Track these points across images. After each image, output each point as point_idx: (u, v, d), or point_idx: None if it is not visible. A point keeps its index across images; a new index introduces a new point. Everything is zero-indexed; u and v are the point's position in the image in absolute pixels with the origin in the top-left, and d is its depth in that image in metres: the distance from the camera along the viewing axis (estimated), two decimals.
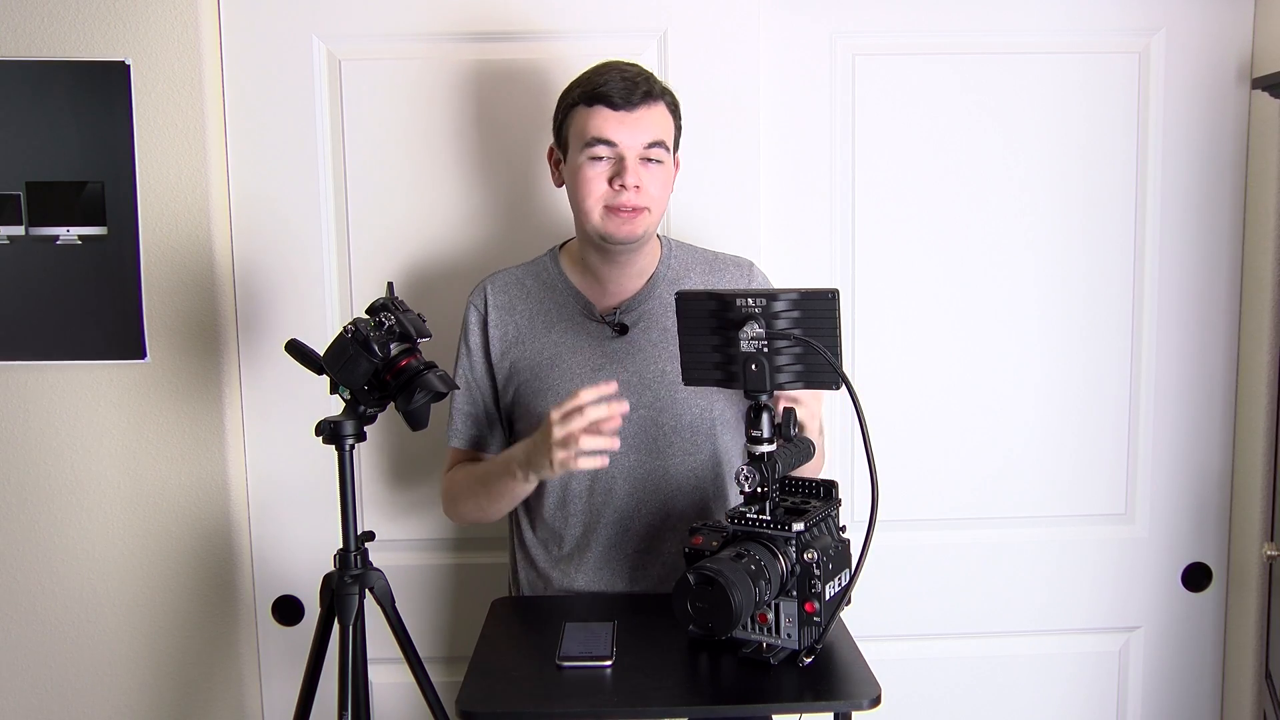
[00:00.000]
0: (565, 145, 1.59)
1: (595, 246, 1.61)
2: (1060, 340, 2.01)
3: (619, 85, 1.52)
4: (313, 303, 1.92)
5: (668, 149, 1.57)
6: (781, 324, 1.31)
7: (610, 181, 1.54)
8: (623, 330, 1.63)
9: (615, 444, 1.41)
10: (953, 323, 2.00)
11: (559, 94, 1.61)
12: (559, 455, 1.41)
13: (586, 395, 1.40)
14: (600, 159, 1.54)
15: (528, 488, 1.56)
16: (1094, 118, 1.96)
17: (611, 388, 1.42)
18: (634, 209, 1.54)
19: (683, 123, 1.64)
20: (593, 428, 1.39)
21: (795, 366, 1.32)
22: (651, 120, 1.54)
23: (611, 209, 1.54)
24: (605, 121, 1.52)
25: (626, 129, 1.52)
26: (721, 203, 1.92)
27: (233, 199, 1.89)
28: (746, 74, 1.90)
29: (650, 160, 1.55)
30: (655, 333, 1.63)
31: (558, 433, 1.40)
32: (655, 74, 1.60)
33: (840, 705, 1.26)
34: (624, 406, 1.42)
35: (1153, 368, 2.01)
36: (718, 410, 1.63)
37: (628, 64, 1.58)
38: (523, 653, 1.41)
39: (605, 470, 1.56)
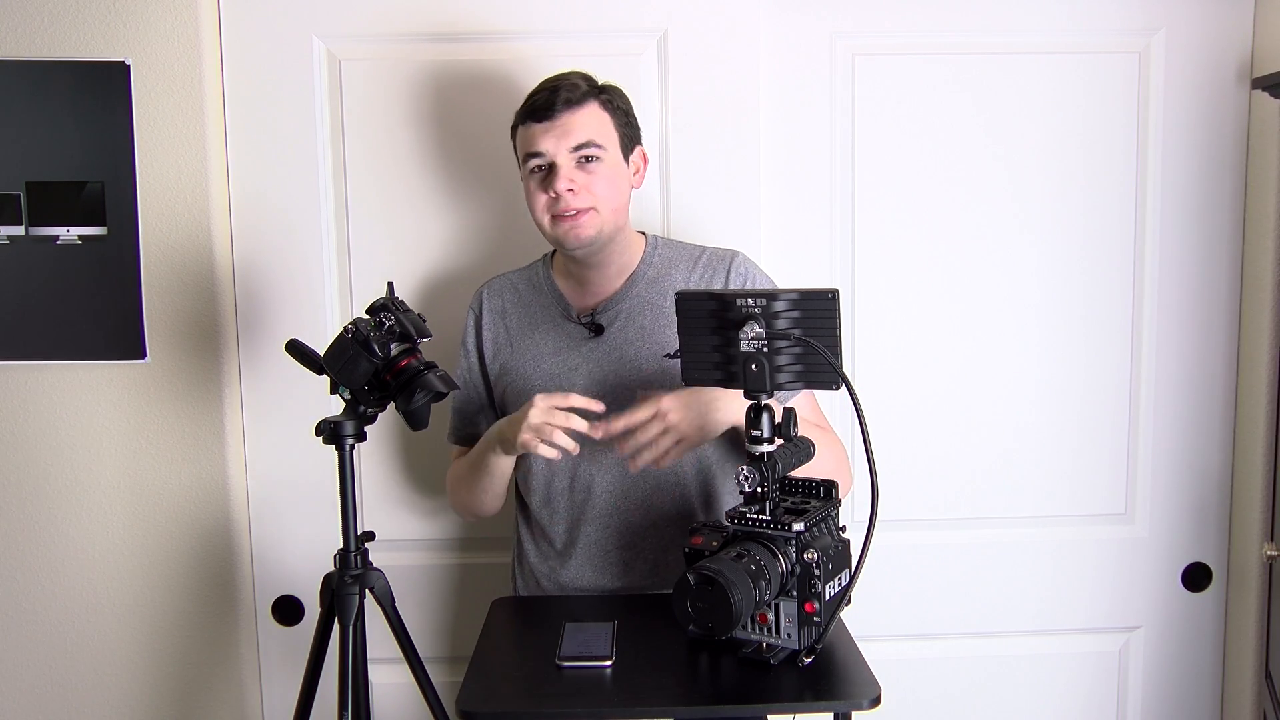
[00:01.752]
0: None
1: (566, 254, 1.64)
2: (1060, 340, 2.01)
3: (542, 98, 1.56)
4: (313, 303, 1.92)
5: (601, 146, 1.57)
6: (781, 324, 1.31)
7: (547, 190, 1.57)
8: (598, 331, 1.64)
9: (575, 448, 1.47)
10: (953, 323, 2.00)
11: None
12: (525, 436, 1.48)
13: (577, 399, 1.48)
14: (536, 171, 1.58)
15: (503, 462, 1.61)
16: (1094, 118, 1.96)
17: (600, 406, 1.50)
18: (576, 211, 1.56)
19: (635, 118, 1.65)
20: (565, 425, 1.47)
21: (795, 366, 1.32)
22: (577, 123, 1.56)
23: (557, 217, 1.57)
24: (532, 135, 1.57)
25: (551, 137, 1.55)
26: (721, 202, 1.92)
27: (233, 199, 1.89)
28: (746, 74, 1.90)
29: (586, 159, 1.57)
30: (632, 331, 1.64)
31: (535, 416, 1.47)
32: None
33: (840, 705, 1.26)
34: (600, 430, 1.49)
35: (1153, 368, 2.01)
36: None
37: (563, 75, 1.59)
38: (523, 653, 1.41)
39: (584, 468, 1.62)
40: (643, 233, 1.72)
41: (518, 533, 1.75)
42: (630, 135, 1.63)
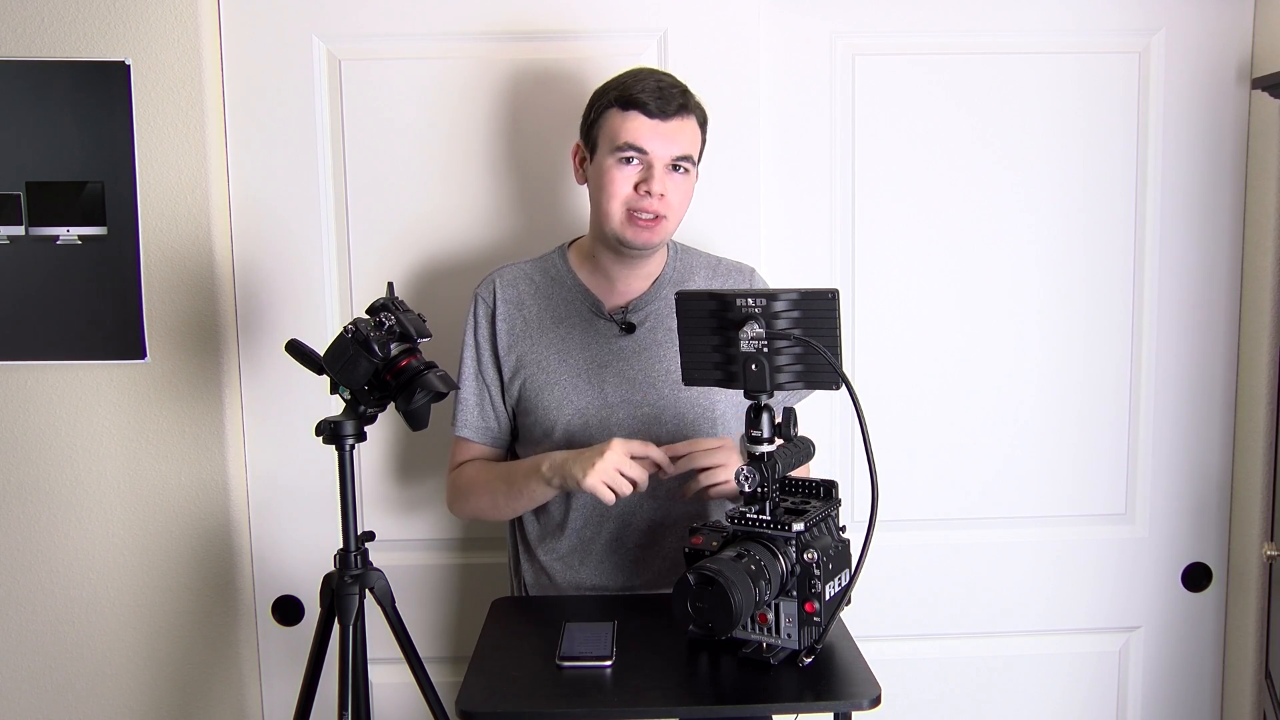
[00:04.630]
0: (594, 145, 1.61)
1: (609, 247, 1.63)
2: (1061, 340, 2.01)
3: (654, 94, 1.55)
4: (313, 303, 1.92)
5: (694, 162, 1.60)
6: (781, 324, 1.31)
7: (636, 186, 1.56)
8: (630, 329, 1.64)
9: (627, 491, 1.49)
10: (953, 323, 2.00)
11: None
12: (593, 481, 1.46)
13: (655, 452, 1.48)
14: (629, 162, 1.56)
15: (550, 493, 1.59)
16: (1094, 118, 1.96)
17: (673, 470, 1.51)
18: (655, 216, 1.57)
19: (707, 136, 1.65)
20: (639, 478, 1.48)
21: (795, 366, 1.32)
22: (683, 133, 1.57)
23: (633, 213, 1.57)
24: (639, 128, 1.55)
25: (659, 139, 1.55)
26: (722, 202, 1.92)
27: (233, 199, 1.89)
28: (746, 74, 1.90)
29: (675, 170, 1.58)
30: (661, 332, 1.65)
31: (612, 461, 1.46)
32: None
33: (840, 705, 1.26)
34: (670, 470, 1.52)
35: (1153, 368, 2.01)
36: (719, 409, 1.65)
37: (663, 73, 1.60)
38: (523, 653, 1.41)
39: None
40: None
41: (520, 530, 1.73)
42: (702, 153, 1.66)
